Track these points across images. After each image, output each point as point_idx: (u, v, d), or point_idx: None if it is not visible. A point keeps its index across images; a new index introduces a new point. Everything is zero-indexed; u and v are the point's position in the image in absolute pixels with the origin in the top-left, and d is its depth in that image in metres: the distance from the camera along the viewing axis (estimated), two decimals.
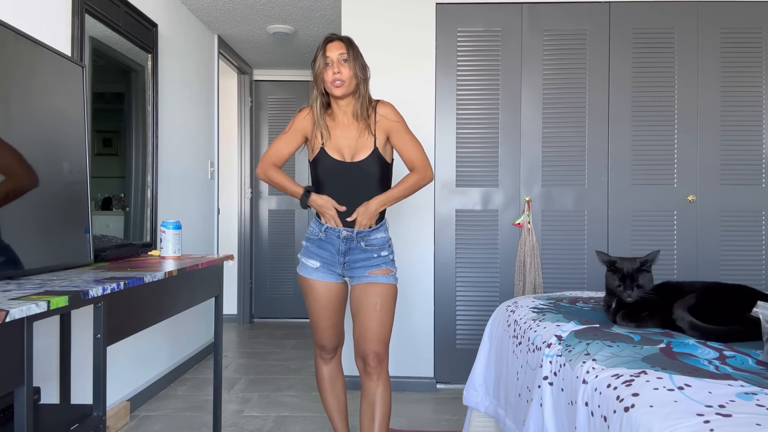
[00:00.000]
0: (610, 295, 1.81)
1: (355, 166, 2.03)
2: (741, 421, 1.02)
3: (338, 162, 2.03)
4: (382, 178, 2.08)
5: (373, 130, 2.04)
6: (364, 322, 2.05)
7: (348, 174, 2.03)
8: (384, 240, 2.09)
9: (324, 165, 2.04)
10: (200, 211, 3.93)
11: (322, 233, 2.06)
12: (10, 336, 1.21)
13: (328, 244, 2.06)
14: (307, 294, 2.12)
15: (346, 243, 2.04)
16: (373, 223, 2.05)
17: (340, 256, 2.06)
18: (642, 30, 3.20)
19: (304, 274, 2.10)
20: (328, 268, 2.07)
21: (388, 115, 2.06)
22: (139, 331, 1.81)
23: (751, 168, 3.19)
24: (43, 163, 1.80)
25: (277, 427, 2.74)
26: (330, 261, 2.07)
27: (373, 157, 2.03)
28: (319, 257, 2.07)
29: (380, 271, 2.06)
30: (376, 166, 2.04)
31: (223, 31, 4.20)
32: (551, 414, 1.56)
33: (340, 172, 2.04)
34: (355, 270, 2.07)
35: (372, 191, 2.05)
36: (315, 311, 2.12)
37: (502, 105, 3.23)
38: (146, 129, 3.05)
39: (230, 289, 5.05)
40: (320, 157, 2.04)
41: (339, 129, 2.06)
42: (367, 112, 2.05)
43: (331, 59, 2.00)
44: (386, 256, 2.09)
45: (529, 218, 3.20)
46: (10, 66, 1.67)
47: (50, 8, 2.26)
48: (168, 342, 3.41)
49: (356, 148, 2.04)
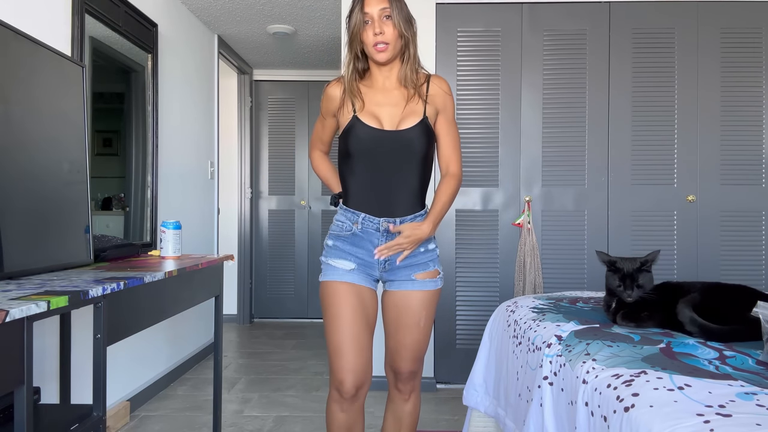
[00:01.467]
0: (610, 295, 1.81)
1: (398, 137, 1.64)
2: (741, 421, 1.02)
3: (375, 130, 1.64)
4: (426, 159, 1.70)
5: (425, 98, 1.69)
6: (402, 338, 1.73)
7: (387, 147, 1.64)
8: None
9: (357, 134, 1.65)
10: (200, 211, 3.93)
11: (357, 226, 1.67)
12: (10, 336, 1.21)
13: (365, 240, 1.67)
14: (332, 304, 1.64)
15: (387, 237, 1.67)
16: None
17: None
18: (642, 30, 3.20)
19: (335, 278, 1.65)
20: (364, 272, 1.68)
21: (444, 88, 1.73)
22: (139, 331, 1.81)
23: (751, 168, 3.19)
24: (43, 163, 1.80)
25: (277, 427, 2.74)
26: (368, 262, 1.68)
27: (422, 127, 1.66)
28: (354, 257, 1.67)
29: (428, 274, 1.71)
30: (423, 140, 1.66)
31: (223, 31, 4.20)
32: (551, 414, 1.56)
33: (377, 143, 1.64)
34: (397, 271, 1.70)
35: (414, 174, 1.67)
36: (341, 326, 1.62)
37: (502, 105, 3.23)
38: (146, 129, 3.05)
39: (230, 289, 5.05)
40: (352, 125, 1.65)
41: (379, 94, 1.70)
42: (416, 77, 1.70)
43: (371, 16, 1.62)
44: (433, 250, 1.75)
45: (529, 218, 3.20)
46: (11, 66, 1.67)
47: (50, 8, 2.26)
48: (168, 342, 3.41)
49: (401, 115, 1.67)
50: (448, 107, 1.75)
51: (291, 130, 5.23)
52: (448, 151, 1.76)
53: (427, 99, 1.69)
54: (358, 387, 1.62)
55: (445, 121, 1.74)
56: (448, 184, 1.75)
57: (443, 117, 1.74)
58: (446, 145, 1.76)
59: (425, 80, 1.72)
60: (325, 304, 1.66)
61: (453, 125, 1.77)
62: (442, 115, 1.74)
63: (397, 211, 1.67)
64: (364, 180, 1.67)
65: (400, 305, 1.72)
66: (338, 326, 1.62)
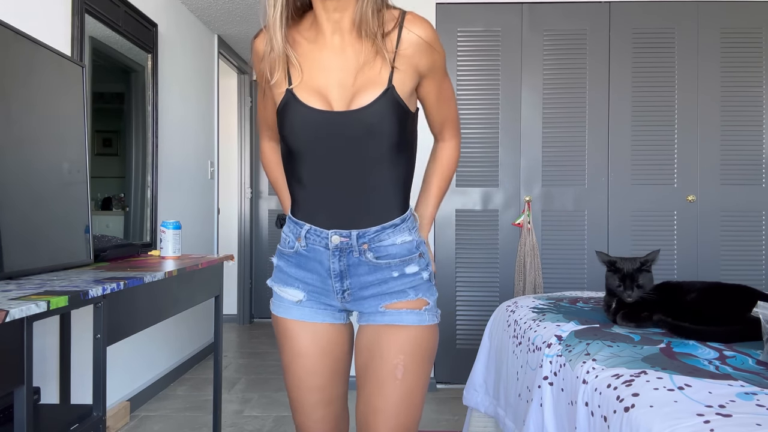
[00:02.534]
0: (610, 295, 1.81)
1: (351, 121, 1.11)
2: (741, 421, 1.02)
3: (317, 113, 1.11)
4: (403, 143, 1.15)
5: (392, 55, 1.11)
6: (372, 398, 1.18)
7: (339, 135, 1.12)
8: (410, 246, 1.19)
9: (295, 121, 1.13)
10: (200, 211, 3.93)
11: (302, 242, 1.19)
12: (10, 336, 1.21)
13: (312, 260, 1.19)
14: (283, 347, 1.24)
15: (340, 257, 1.17)
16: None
17: (335, 280, 1.19)
18: (642, 30, 3.20)
19: (280, 314, 1.24)
20: (318, 301, 1.22)
21: (425, 35, 1.12)
22: (139, 331, 1.81)
23: (751, 168, 3.19)
24: (43, 163, 1.80)
25: (277, 427, 2.74)
26: (320, 289, 1.21)
27: (386, 101, 1.10)
28: (302, 283, 1.22)
29: (404, 304, 1.18)
30: (391, 120, 1.11)
31: (223, 31, 4.20)
32: (551, 414, 1.56)
33: (322, 131, 1.12)
34: (364, 301, 1.20)
35: (385, 169, 1.15)
36: (296, 377, 1.23)
37: (502, 105, 3.23)
38: (146, 129, 3.05)
39: (230, 289, 5.05)
40: (287, 105, 1.13)
41: (325, 51, 1.14)
42: (381, 23, 1.11)
43: None
44: (415, 275, 1.19)
45: (529, 218, 3.20)
46: (10, 66, 1.67)
47: (50, 8, 2.26)
48: (168, 342, 3.41)
49: (356, 86, 1.11)
50: (437, 67, 1.17)
51: None
52: (438, 115, 1.25)
53: (397, 56, 1.11)
54: None
55: (434, 86, 1.19)
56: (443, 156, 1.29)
57: (431, 80, 1.17)
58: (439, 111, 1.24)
59: (395, 25, 1.12)
60: (278, 345, 1.27)
61: (445, 82, 1.22)
62: (429, 78, 1.17)
63: (359, 220, 1.15)
64: (312, 180, 1.17)
65: (369, 347, 1.20)
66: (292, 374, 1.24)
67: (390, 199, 1.17)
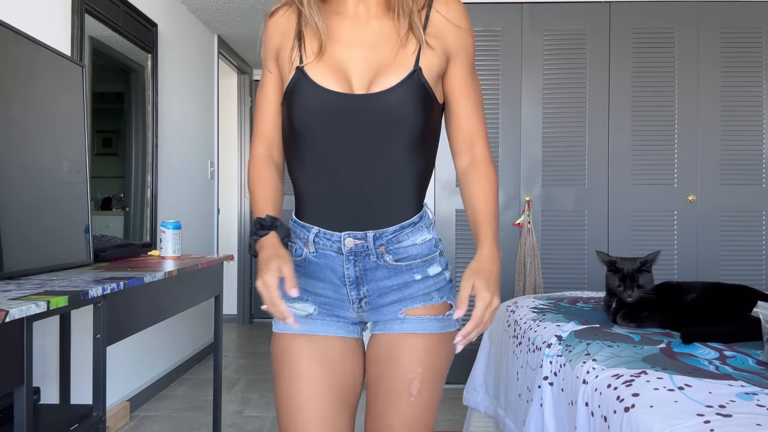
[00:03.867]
0: (610, 295, 1.81)
1: (372, 103, 1.00)
2: (741, 422, 1.02)
3: (335, 96, 1.00)
4: (426, 134, 1.05)
5: (422, 33, 1.02)
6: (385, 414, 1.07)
7: (355, 120, 1.01)
8: (430, 244, 1.08)
9: (304, 102, 1.01)
10: (200, 211, 3.93)
11: (310, 248, 1.06)
12: (10, 336, 1.21)
13: (324, 268, 1.06)
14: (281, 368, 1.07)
15: (356, 262, 1.05)
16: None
17: (351, 288, 1.06)
18: (642, 30, 3.20)
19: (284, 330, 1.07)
20: (331, 314, 1.08)
21: (455, 17, 1.05)
22: (139, 331, 1.81)
23: (751, 168, 3.19)
24: (43, 163, 1.80)
25: (276, 428, 2.73)
26: (333, 300, 1.07)
27: (411, 85, 1.00)
28: (312, 295, 1.08)
29: (428, 309, 1.07)
30: (416, 107, 1.01)
31: (223, 31, 4.20)
32: (551, 414, 1.56)
33: (337, 116, 1.01)
34: (382, 309, 1.08)
35: (405, 162, 1.03)
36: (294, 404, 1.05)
37: (502, 105, 3.23)
38: (146, 129, 3.05)
39: (230, 289, 5.05)
40: (297, 85, 1.02)
41: (348, 24, 1.04)
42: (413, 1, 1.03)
43: None
44: (439, 275, 1.09)
45: (529, 218, 3.20)
46: (10, 66, 1.67)
47: (50, 8, 2.26)
48: (168, 342, 3.41)
49: (378, 66, 1.01)
50: (468, 50, 1.07)
51: None
52: (468, 124, 1.09)
53: (426, 35, 1.02)
54: None
55: (461, 73, 1.07)
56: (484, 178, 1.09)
57: (458, 65, 1.07)
58: (464, 114, 1.08)
59: (425, 3, 1.05)
60: (275, 370, 1.08)
61: (474, 79, 1.09)
62: (457, 61, 1.06)
63: (375, 219, 1.04)
64: (321, 175, 1.04)
65: (383, 358, 1.07)
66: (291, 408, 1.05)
67: (408, 196, 1.06)
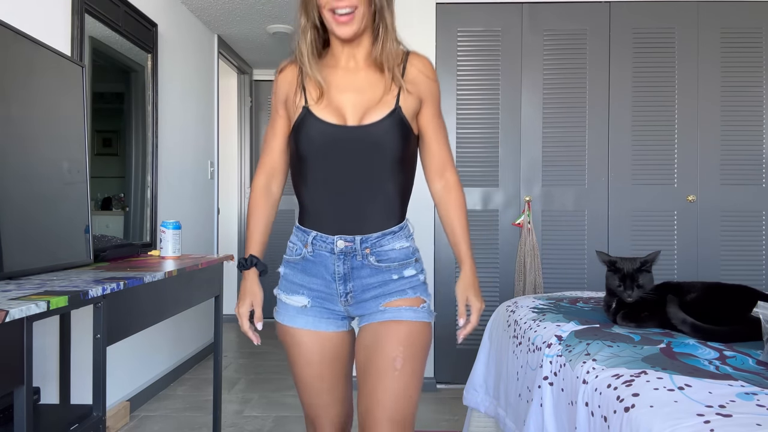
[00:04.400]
0: (610, 295, 1.81)
1: (361, 134, 1.26)
2: (741, 422, 1.02)
3: (331, 127, 1.26)
4: (404, 159, 1.31)
5: (402, 81, 1.30)
6: (373, 389, 1.27)
7: (349, 147, 1.27)
8: (407, 252, 1.33)
9: (310, 132, 1.27)
10: (200, 211, 3.93)
11: (308, 248, 1.32)
12: (10, 336, 1.21)
13: (318, 265, 1.32)
14: (291, 353, 1.37)
15: (345, 261, 1.30)
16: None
17: (339, 283, 1.31)
18: (642, 30, 3.20)
19: (285, 322, 1.36)
20: (322, 307, 1.33)
21: (426, 72, 1.34)
22: (139, 331, 1.81)
23: (751, 168, 3.19)
24: (43, 163, 1.80)
25: (277, 428, 2.74)
26: (325, 294, 1.32)
27: (393, 120, 1.27)
28: (307, 289, 1.33)
29: (404, 302, 1.30)
30: (396, 137, 1.27)
31: (223, 31, 4.20)
32: (551, 414, 1.56)
33: (334, 143, 1.27)
34: (365, 304, 1.32)
35: (389, 180, 1.29)
36: (305, 380, 1.36)
37: (502, 105, 3.23)
38: (146, 129, 3.05)
39: (230, 289, 5.05)
40: (303, 120, 1.28)
41: (341, 74, 1.32)
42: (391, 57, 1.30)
43: None
44: (413, 277, 1.33)
45: (529, 218, 3.20)
46: (10, 66, 1.67)
47: (50, 8, 2.26)
48: (168, 342, 3.41)
49: (367, 106, 1.28)
50: (435, 94, 1.36)
51: None
52: (440, 154, 1.38)
53: (404, 84, 1.30)
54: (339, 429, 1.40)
55: (431, 114, 1.36)
56: (457, 200, 1.38)
57: (428, 108, 1.35)
58: (437, 146, 1.38)
59: (402, 59, 1.33)
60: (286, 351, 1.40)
61: (441, 119, 1.39)
62: (428, 105, 1.35)
63: (362, 226, 1.29)
64: (320, 190, 1.30)
65: (370, 343, 1.30)
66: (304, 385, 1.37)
67: (390, 208, 1.32)
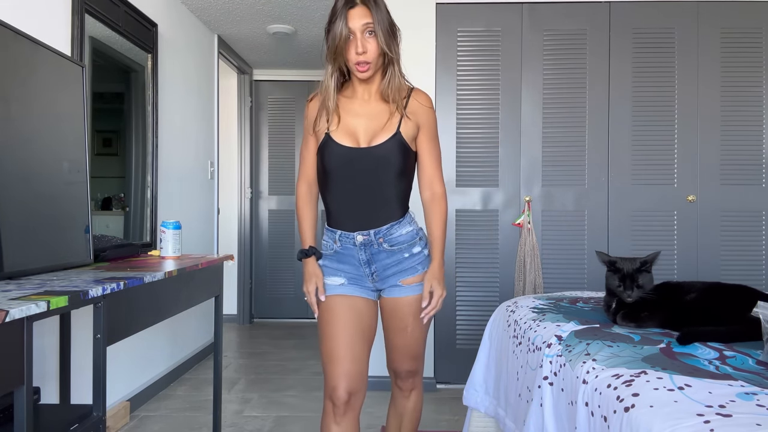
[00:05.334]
0: (610, 295, 1.81)
1: (371, 154, 1.63)
2: (741, 422, 1.02)
3: (347, 150, 1.64)
4: (404, 171, 1.68)
5: (404, 112, 1.66)
6: (394, 341, 1.76)
7: (361, 164, 1.64)
8: (412, 234, 1.71)
9: (331, 153, 1.65)
10: (200, 211, 3.93)
11: (337, 243, 1.70)
12: (10, 336, 1.21)
13: (347, 255, 1.69)
14: (324, 316, 1.68)
15: (366, 250, 1.68)
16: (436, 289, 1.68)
17: (365, 266, 1.70)
18: (642, 30, 3.20)
19: (328, 292, 1.71)
20: (356, 284, 1.70)
21: (425, 102, 1.71)
22: (139, 331, 1.81)
23: (751, 168, 3.19)
24: (43, 163, 1.80)
25: (277, 427, 2.74)
26: (356, 275, 1.70)
27: (394, 142, 1.63)
28: (343, 272, 1.70)
29: (415, 279, 1.70)
30: (398, 155, 1.64)
31: (223, 31, 4.20)
32: (551, 414, 1.56)
33: (350, 161, 1.64)
34: (387, 279, 1.71)
35: (392, 187, 1.67)
36: (333, 335, 1.65)
37: (502, 105, 3.23)
38: (146, 129, 3.05)
39: (230, 289, 5.05)
40: (325, 144, 1.66)
41: (357, 104, 1.69)
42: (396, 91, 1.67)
43: (353, 30, 1.58)
44: (419, 253, 1.71)
45: (529, 218, 3.20)
46: (10, 66, 1.67)
47: (50, 8, 2.26)
48: (168, 342, 3.41)
49: (375, 130, 1.65)
50: (431, 122, 1.72)
51: (291, 130, 5.24)
52: (430, 170, 1.73)
53: (405, 113, 1.66)
54: (351, 393, 1.60)
55: (426, 138, 1.72)
56: (439, 209, 1.74)
57: (424, 133, 1.71)
58: (428, 164, 1.73)
59: (407, 93, 1.70)
60: (320, 320, 1.69)
61: (435, 142, 1.74)
62: (424, 131, 1.71)
63: (374, 222, 1.67)
64: (341, 197, 1.68)
65: (389, 311, 1.73)
66: (330, 334, 1.64)
67: (398, 206, 1.71)
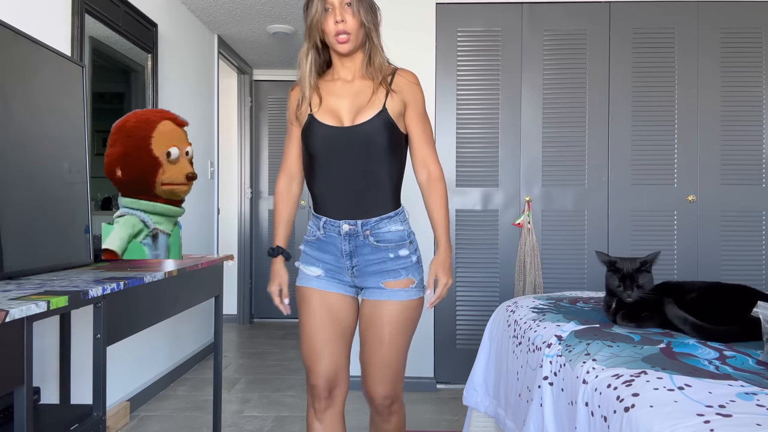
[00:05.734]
0: (610, 295, 1.81)
1: (355, 132, 1.54)
2: (741, 422, 1.02)
3: (331, 128, 1.55)
4: (394, 152, 1.58)
5: (389, 87, 1.58)
6: (368, 355, 1.61)
7: (345, 144, 1.54)
8: (402, 234, 1.60)
9: (314, 135, 1.57)
10: (200, 211, 3.93)
11: (321, 231, 1.60)
12: (10, 336, 1.21)
13: (329, 244, 1.59)
14: (301, 310, 1.62)
15: (350, 240, 1.57)
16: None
17: (346, 258, 1.58)
18: (642, 30, 3.20)
19: (302, 283, 1.64)
20: (333, 276, 1.60)
21: (410, 79, 1.62)
22: (139, 331, 1.80)
23: (751, 168, 3.19)
24: (42, 163, 1.80)
25: (277, 427, 2.74)
26: (335, 267, 1.60)
27: (380, 119, 1.54)
28: (321, 263, 1.61)
29: (397, 283, 1.57)
30: (384, 133, 1.54)
31: (223, 31, 4.20)
32: (551, 414, 1.56)
33: (334, 141, 1.55)
34: (368, 277, 1.59)
35: (382, 170, 1.56)
36: (307, 330, 1.60)
37: (502, 105, 3.23)
38: None
39: (230, 289, 5.05)
40: (309, 125, 1.58)
41: (339, 85, 1.61)
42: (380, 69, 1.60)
43: (331, 3, 1.55)
44: (407, 257, 1.59)
45: (529, 218, 3.20)
46: (10, 66, 1.67)
47: (50, 8, 2.26)
48: (168, 342, 3.41)
49: (359, 107, 1.56)
50: (418, 99, 1.62)
51: None
52: (423, 149, 1.63)
53: (390, 90, 1.57)
54: (330, 387, 1.57)
55: (415, 115, 1.62)
56: (437, 190, 1.64)
57: (412, 110, 1.61)
58: (420, 143, 1.63)
59: (391, 72, 1.62)
60: (299, 312, 1.64)
61: (425, 119, 1.64)
62: (411, 107, 1.61)
63: (363, 212, 1.56)
64: (327, 181, 1.58)
65: (367, 317, 1.60)
66: (308, 333, 1.60)
67: (385, 195, 1.59)
